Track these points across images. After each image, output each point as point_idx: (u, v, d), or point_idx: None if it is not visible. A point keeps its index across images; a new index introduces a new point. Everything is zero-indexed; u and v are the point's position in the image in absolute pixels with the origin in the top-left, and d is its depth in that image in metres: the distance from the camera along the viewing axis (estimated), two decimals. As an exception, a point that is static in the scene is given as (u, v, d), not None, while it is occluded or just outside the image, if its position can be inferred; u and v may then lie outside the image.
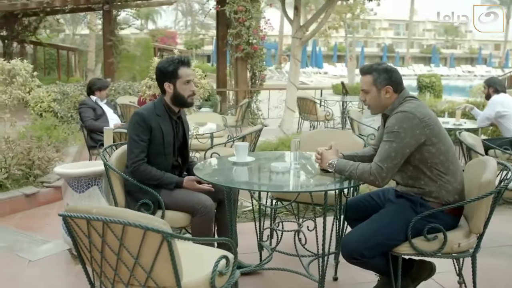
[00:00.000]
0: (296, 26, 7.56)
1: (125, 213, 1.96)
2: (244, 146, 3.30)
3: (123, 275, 2.09)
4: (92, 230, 2.02)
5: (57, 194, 5.38)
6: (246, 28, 11.06)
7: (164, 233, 1.93)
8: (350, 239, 2.83)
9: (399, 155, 2.71)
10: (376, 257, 2.81)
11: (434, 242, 2.74)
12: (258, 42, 11.32)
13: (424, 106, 2.83)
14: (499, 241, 4.17)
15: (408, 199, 2.84)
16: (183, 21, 52.20)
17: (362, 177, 2.78)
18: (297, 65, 7.83)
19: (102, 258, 2.08)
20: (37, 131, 6.92)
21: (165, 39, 33.41)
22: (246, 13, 11.00)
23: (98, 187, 3.71)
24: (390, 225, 2.78)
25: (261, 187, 3.10)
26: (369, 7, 21.63)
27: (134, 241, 1.97)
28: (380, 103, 2.90)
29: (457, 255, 2.82)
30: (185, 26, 50.67)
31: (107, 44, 13.47)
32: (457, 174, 2.81)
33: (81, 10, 18.37)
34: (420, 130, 2.70)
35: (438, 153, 2.75)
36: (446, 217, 2.79)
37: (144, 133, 3.15)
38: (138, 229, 1.93)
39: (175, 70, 3.20)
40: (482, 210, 2.73)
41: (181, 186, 3.20)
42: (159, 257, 1.99)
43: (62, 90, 8.50)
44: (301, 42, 7.64)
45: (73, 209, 2.05)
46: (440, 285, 3.32)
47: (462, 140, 4.00)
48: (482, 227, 2.76)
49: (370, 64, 2.95)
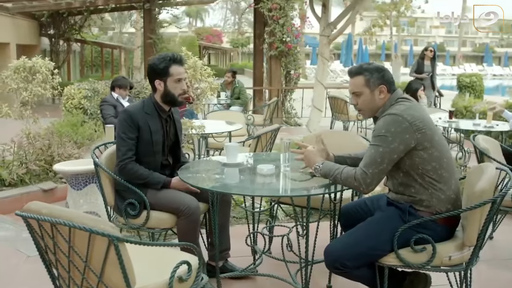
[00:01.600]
0: (323, 24, 7.39)
1: (71, 214, 1.91)
2: (234, 147, 3.21)
3: (77, 278, 2.05)
4: (43, 231, 1.99)
5: (74, 190, 5.46)
6: (280, 26, 10.95)
7: (110, 236, 1.87)
8: (333, 248, 2.68)
9: (386, 161, 2.55)
10: (361, 267, 2.66)
11: (421, 253, 2.56)
12: (292, 40, 11.19)
13: (416, 109, 2.64)
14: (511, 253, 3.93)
15: (397, 207, 2.68)
16: (231, 20, 52.52)
17: (347, 182, 2.63)
18: (325, 63, 7.66)
19: (56, 260, 2.05)
20: (64, 127, 7.06)
21: (210, 37, 33.70)
22: (281, 11, 10.89)
23: (96, 184, 3.71)
24: (375, 235, 2.63)
25: (241, 190, 3.00)
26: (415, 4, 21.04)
27: (83, 244, 1.93)
28: (374, 105, 2.72)
29: (448, 268, 2.63)
30: (233, 25, 50.93)
31: (147, 42, 13.65)
32: (451, 182, 2.62)
33: (124, 8, 18.78)
34: (410, 134, 2.53)
35: (430, 159, 2.57)
36: (438, 227, 2.61)
37: (131, 131, 3.11)
38: (84, 232, 1.88)
39: (166, 67, 3.15)
40: (475, 221, 2.53)
41: (169, 186, 3.15)
42: (108, 261, 1.94)
43: (93, 87, 8.65)
44: (328, 40, 7.45)
45: (28, 208, 2.02)
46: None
47: (475, 145, 3.76)
48: (475, 239, 2.56)
49: (359, 65, 2.78)
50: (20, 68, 5.46)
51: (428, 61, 9.48)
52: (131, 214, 3.09)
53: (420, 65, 9.48)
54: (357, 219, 2.86)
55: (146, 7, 13.90)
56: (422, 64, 9.48)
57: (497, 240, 4.17)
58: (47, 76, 5.55)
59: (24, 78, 5.48)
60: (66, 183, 3.75)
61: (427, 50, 9.58)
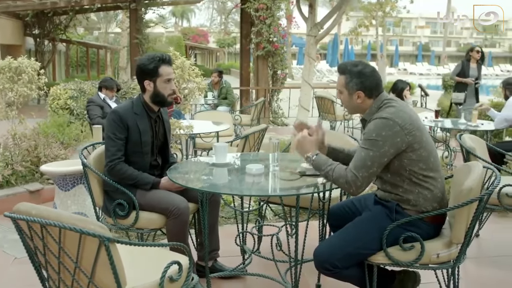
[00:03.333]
0: (310, 24, 7.39)
1: (61, 215, 1.90)
2: (223, 147, 3.21)
3: (67, 279, 2.04)
4: (33, 232, 1.98)
5: (61, 191, 5.42)
6: (267, 26, 10.97)
7: (100, 237, 1.87)
8: (322, 249, 2.69)
9: (376, 164, 2.55)
10: (350, 267, 2.66)
11: (410, 251, 2.58)
12: (279, 40, 11.21)
13: (406, 110, 2.65)
14: (496, 251, 3.97)
15: (384, 206, 2.70)
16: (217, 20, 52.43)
17: (337, 182, 2.63)
18: (311, 63, 7.66)
19: (46, 261, 2.03)
20: (50, 128, 7.00)
21: (197, 37, 33.63)
22: (267, 11, 10.90)
23: (84, 185, 3.69)
24: (364, 234, 2.64)
25: (228, 190, 3.00)
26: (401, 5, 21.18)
27: (73, 245, 1.92)
28: (352, 105, 2.74)
29: (436, 266, 2.66)
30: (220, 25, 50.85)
31: (133, 42, 13.60)
32: (437, 181, 2.64)
33: (109, 8, 18.66)
34: (401, 137, 2.54)
35: (418, 160, 2.58)
36: (426, 226, 2.63)
37: (121, 131, 3.10)
38: (76, 232, 1.87)
39: (155, 68, 3.14)
40: (463, 218, 2.56)
41: (158, 186, 3.14)
42: (98, 262, 1.93)
43: (79, 88, 8.58)
44: (315, 41, 7.46)
45: (17, 209, 2.01)
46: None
47: (462, 143, 3.80)
48: (463, 236, 2.59)
49: (346, 63, 2.77)
50: (5, 69, 5.41)
51: (474, 63, 8.21)
52: (120, 215, 3.07)
53: (465, 67, 8.22)
54: (345, 219, 2.87)
55: (132, 7, 13.84)
56: (467, 66, 8.21)
57: (483, 238, 4.22)
58: (33, 76, 5.51)
59: (9, 78, 5.44)
60: (54, 184, 3.72)
61: (473, 51, 8.26)
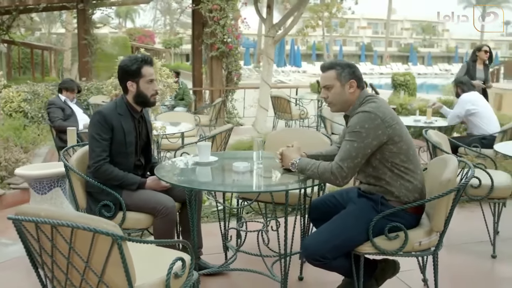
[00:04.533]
0: (269, 25, 7.54)
1: (72, 215, 1.91)
2: (206, 146, 3.27)
3: (75, 279, 2.04)
4: (41, 233, 1.97)
5: (25, 196, 5.26)
6: (221, 27, 11.01)
7: (114, 235, 1.89)
8: (311, 242, 2.80)
9: (360, 155, 2.70)
10: (338, 258, 2.79)
11: (395, 241, 2.74)
12: (233, 41, 11.29)
13: (386, 106, 2.82)
14: (462, 239, 4.21)
15: (369, 199, 2.84)
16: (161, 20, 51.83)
17: (323, 177, 2.76)
18: (270, 63, 7.82)
19: (53, 262, 2.03)
20: (5, 131, 6.79)
21: (143, 38, 33.14)
22: (221, 12, 10.95)
23: (61, 188, 3.65)
24: (351, 226, 2.77)
25: (222, 187, 3.06)
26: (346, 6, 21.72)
27: (84, 245, 1.93)
28: (344, 98, 2.86)
29: (418, 253, 2.83)
30: (164, 25, 50.30)
31: (82, 43, 13.28)
32: (417, 173, 2.81)
33: (55, 8, 18.09)
34: (382, 130, 2.69)
35: (399, 153, 2.74)
36: (408, 216, 2.79)
37: (105, 132, 3.10)
38: (87, 232, 1.88)
39: (138, 69, 3.16)
40: (442, 208, 2.74)
41: (144, 187, 3.16)
42: (110, 260, 1.95)
43: (33, 90, 8.35)
44: (274, 41, 7.62)
45: (22, 211, 2.00)
46: (404, 283, 3.34)
47: (428, 138, 4.02)
48: (443, 225, 2.77)
49: (330, 61, 2.94)
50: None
51: (481, 65, 7.32)
52: (106, 216, 3.07)
53: (470, 69, 7.27)
54: (326, 212, 3.00)
55: (80, 7, 13.53)
56: (473, 68, 7.27)
57: (449, 228, 4.45)
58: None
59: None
60: (29, 188, 3.65)
61: (481, 51, 7.30)
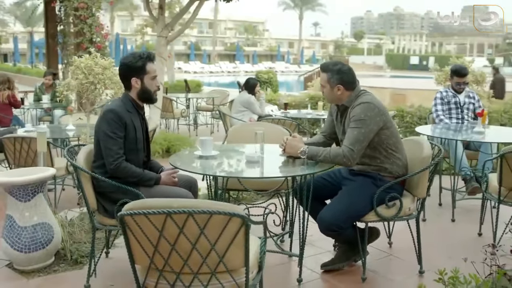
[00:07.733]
0: (161, 25, 7.65)
1: (207, 203, 2.10)
2: (208, 140, 3.47)
3: (192, 265, 2.19)
4: (170, 223, 2.09)
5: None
6: (88, 26, 10.65)
7: (245, 217, 2.11)
8: (327, 214, 3.25)
9: (366, 139, 3.20)
10: (349, 228, 3.29)
11: (392, 208, 3.30)
12: (101, 41, 10.99)
13: (376, 98, 3.36)
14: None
15: (367, 176, 3.36)
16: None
17: (336, 160, 3.20)
18: (163, 63, 7.92)
19: (172, 250, 2.16)
20: None
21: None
22: (88, 11, 10.61)
23: (43, 194, 3.50)
24: (357, 200, 3.28)
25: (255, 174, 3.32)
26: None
27: (215, 228, 2.10)
28: (333, 97, 3.38)
29: (407, 217, 3.43)
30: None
31: None
32: (403, 152, 3.41)
33: None
34: (379, 117, 3.22)
35: (392, 135, 3.31)
36: (399, 187, 3.38)
37: (120, 130, 3.13)
38: (220, 217, 2.07)
39: (143, 65, 3.23)
40: (424, 179, 3.38)
41: (159, 182, 3.25)
42: (234, 242, 2.15)
43: None
44: (166, 41, 7.75)
45: (143, 206, 2.09)
46: (374, 247, 3.90)
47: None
48: (425, 192, 3.41)
49: (327, 63, 3.41)
50: None
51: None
52: (127, 214, 3.09)
53: None
54: (317, 192, 3.45)
55: None
56: None
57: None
58: None
59: None
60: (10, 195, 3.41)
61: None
